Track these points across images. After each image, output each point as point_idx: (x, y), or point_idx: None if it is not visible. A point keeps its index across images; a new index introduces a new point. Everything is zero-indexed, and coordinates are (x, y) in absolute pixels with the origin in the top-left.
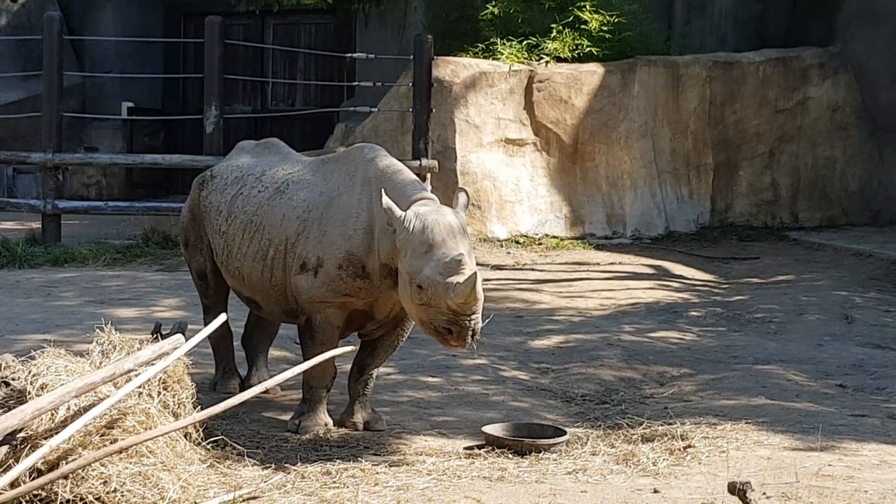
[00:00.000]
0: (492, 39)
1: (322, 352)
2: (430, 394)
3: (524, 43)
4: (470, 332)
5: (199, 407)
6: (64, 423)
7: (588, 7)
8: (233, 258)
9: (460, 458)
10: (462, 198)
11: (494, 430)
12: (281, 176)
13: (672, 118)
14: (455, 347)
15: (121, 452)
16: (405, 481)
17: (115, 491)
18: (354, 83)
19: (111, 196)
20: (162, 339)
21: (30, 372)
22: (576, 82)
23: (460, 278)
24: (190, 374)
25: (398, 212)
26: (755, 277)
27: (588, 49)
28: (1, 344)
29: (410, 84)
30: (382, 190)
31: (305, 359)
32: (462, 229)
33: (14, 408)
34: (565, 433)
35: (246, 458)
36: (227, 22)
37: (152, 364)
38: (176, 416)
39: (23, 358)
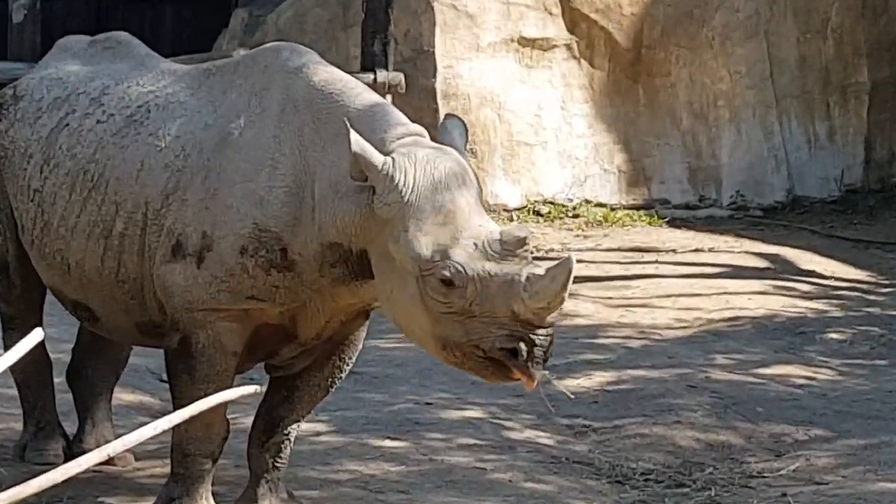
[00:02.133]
0: None
1: (205, 394)
2: (389, 468)
3: None
4: (543, 356)
5: None
6: None
7: None
8: (52, 235)
9: None
10: (456, 130)
11: None
12: (136, 96)
13: (801, 6)
14: (508, 380)
15: None
16: None
17: None
18: None
19: None
20: None
21: None
22: None
23: (535, 270)
24: None
25: (378, 158)
26: None
27: None
28: None
29: None
30: (346, 120)
31: (177, 406)
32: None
33: None
34: None
35: None
36: None
37: None
38: None
39: None
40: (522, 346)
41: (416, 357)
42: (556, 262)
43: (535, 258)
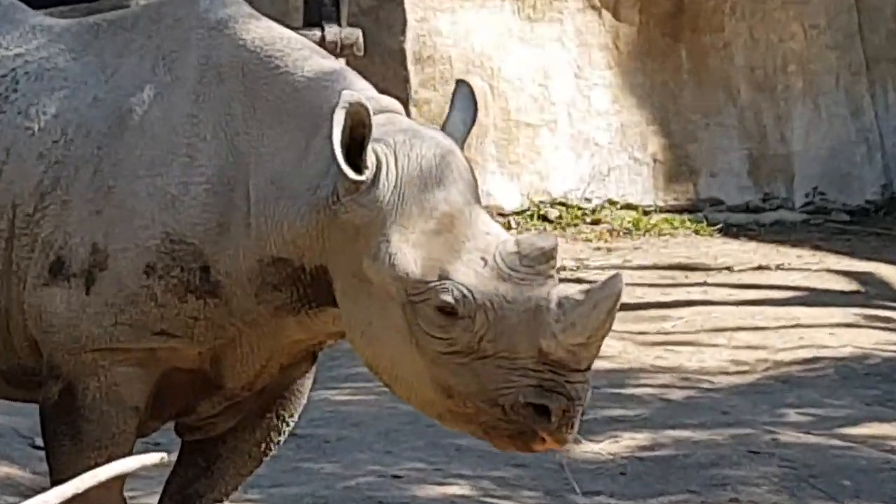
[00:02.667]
0: None
1: (96, 464)
2: None
3: None
4: (580, 409)
5: None
6: None
7: None
8: None
9: None
10: (460, 102)
11: None
12: None
13: None
14: (526, 450)
15: None
16: None
17: None
18: None
19: None
20: None
21: None
22: None
23: (569, 293)
24: None
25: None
26: None
27: None
28: None
29: None
30: (343, 96)
31: (56, 480)
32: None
33: None
34: None
35: None
36: None
37: None
38: None
39: None
40: (558, 403)
41: (381, 413)
42: (597, 284)
43: None
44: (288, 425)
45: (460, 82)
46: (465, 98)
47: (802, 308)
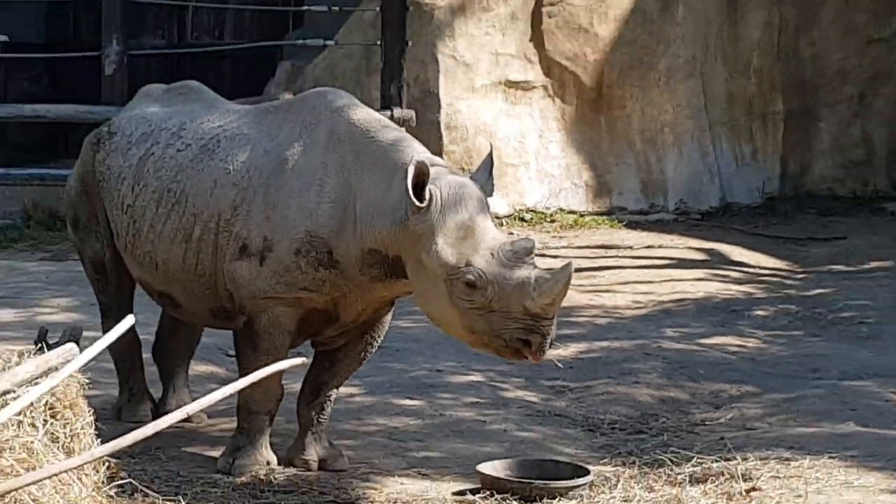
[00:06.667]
0: None
1: (265, 364)
2: (408, 421)
3: None
4: (550, 340)
5: (100, 440)
6: None
7: None
8: (142, 240)
9: None
10: (484, 164)
11: (494, 468)
12: (208, 130)
13: (729, 52)
14: (521, 359)
15: None
16: None
17: None
18: (303, 7)
19: None
20: (49, 349)
21: None
22: (600, 4)
23: (542, 273)
24: (86, 396)
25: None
26: (841, 264)
27: None
28: None
29: (378, 8)
30: (413, 158)
31: (242, 374)
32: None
33: None
34: (588, 473)
35: None
36: None
37: (36, 383)
38: (68, 452)
39: None
40: (535, 338)
41: (429, 334)
42: (559, 267)
43: None
44: (377, 341)
45: (489, 155)
46: (487, 161)
47: (674, 269)
